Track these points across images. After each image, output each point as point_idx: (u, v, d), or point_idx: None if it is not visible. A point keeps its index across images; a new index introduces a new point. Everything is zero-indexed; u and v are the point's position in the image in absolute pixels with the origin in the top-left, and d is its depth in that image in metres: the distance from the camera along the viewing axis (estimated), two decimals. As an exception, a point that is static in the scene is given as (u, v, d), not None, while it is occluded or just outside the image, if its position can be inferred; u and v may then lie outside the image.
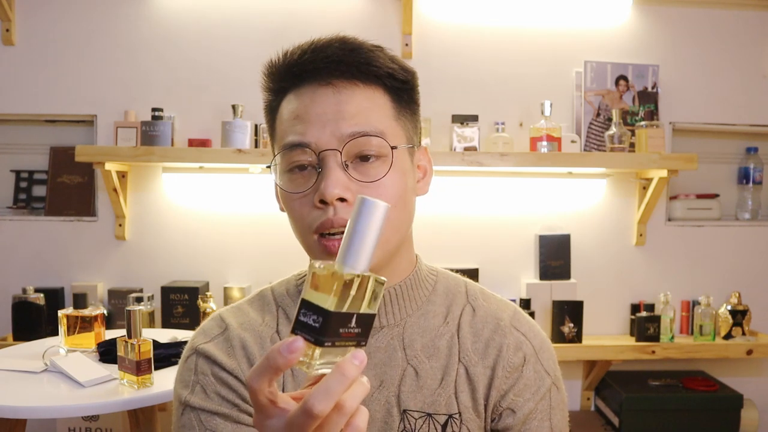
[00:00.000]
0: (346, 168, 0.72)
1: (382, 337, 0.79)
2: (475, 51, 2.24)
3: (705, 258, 2.34)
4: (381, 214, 0.49)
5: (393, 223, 0.74)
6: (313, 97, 0.73)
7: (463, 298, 0.84)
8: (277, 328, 0.81)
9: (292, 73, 0.75)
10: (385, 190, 0.72)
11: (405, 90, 0.78)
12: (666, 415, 2.09)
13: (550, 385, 0.81)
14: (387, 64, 0.75)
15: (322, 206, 0.71)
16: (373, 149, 0.72)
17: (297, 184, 0.74)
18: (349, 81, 0.73)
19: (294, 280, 0.86)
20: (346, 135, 0.71)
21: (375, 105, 0.74)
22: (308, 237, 0.74)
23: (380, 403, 0.78)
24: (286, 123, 0.75)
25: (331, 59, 0.72)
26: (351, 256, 0.49)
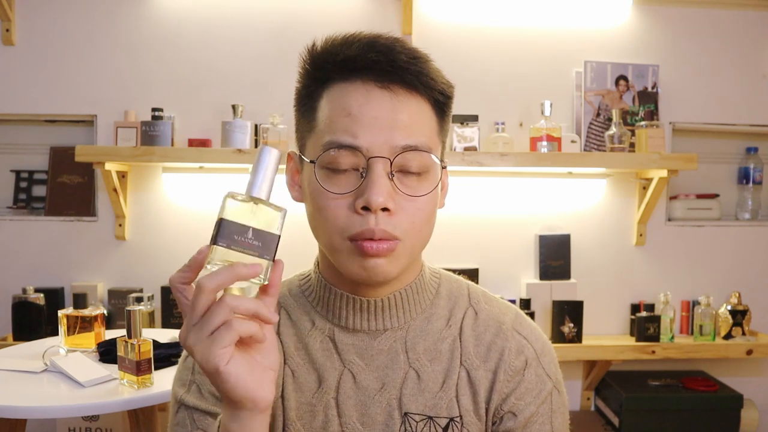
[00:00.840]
0: (392, 178, 0.70)
1: (384, 340, 0.79)
2: (475, 51, 2.24)
3: (705, 258, 2.34)
4: (276, 157, 0.64)
5: (423, 236, 0.75)
6: (368, 97, 0.70)
7: (465, 301, 0.84)
8: (279, 329, 0.81)
9: (346, 67, 0.72)
10: (424, 205, 0.72)
11: (447, 105, 0.78)
12: (666, 415, 2.09)
13: (551, 388, 0.81)
14: (440, 78, 0.74)
15: (363, 213, 0.69)
16: (421, 166, 0.72)
17: (338, 184, 0.71)
18: (406, 89, 0.71)
19: (297, 281, 0.86)
20: (399, 146, 0.70)
21: (425, 117, 0.73)
22: (336, 239, 0.72)
23: (381, 405, 0.78)
24: (333, 117, 0.71)
25: (396, 64, 0.70)
26: (255, 186, 0.63)
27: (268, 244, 0.62)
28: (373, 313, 0.78)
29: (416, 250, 0.75)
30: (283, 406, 0.78)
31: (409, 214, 0.71)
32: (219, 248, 0.60)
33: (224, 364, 0.58)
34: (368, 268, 0.71)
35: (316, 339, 0.80)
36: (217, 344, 0.57)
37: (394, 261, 0.72)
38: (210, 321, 0.58)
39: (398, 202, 0.71)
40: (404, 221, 0.71)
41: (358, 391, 0.78)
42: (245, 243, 0.61)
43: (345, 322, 0.79)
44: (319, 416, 0.78)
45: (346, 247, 0.71)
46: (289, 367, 0.79)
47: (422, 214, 0.73)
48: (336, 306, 0.79)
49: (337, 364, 0.78)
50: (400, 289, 0.79)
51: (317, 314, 0.81)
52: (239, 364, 0.59)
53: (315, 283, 0.82)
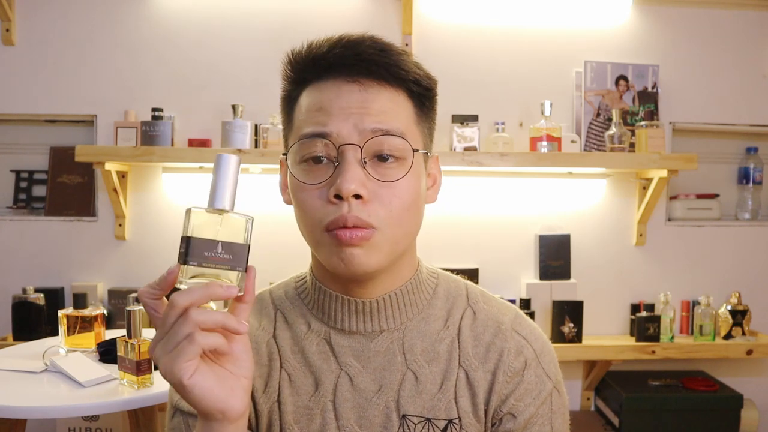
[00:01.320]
0: (365, 165, 0.71)
1: (381, 341, 0.78)
2: (475, 51, 2.24)
3: (705, 258, 2.34)
4: (236, 163, 0.63)
5: (403, 228, 0.74)
6: (338, 91, 0.72)
7: (463, 301, 0.83)
8: (275, 332, 0.81)
9: (318, 66, 0.74)
10: (400, 192, 0.72)
11: (427, 97, 0.78)
12: (666, 415, 2.09)
13: (551, 389, 0.80)
14: (413, 69, 0.75)
15: (337, 201, 0.70)
16: (393, 149, 0.72)
17: (312, 175, 0.72)
18: (376, 81, 0.72)
19: (293, 283, 0.85)
20: (369, 131, 0.70)
21: (398, 107, 0.74)
22: (317, 232, 0.72)
23: (379, 407, 0.77)
24: (306, 113, 0.74)
25: (362, 57, 0.71)
26: (217, 198, 0.62)
27: (239, 254, 0.62)
28: (368, 315, 0.78)
29: (399, 241, 0.74)
30: (280, 410, 0.78)
31: (385, 201, 0.71)
32: (189, 268, 0.60)
33: (187, 377, 0.59)
34: (345, 258, 0.71)
35: (313, 342, 0.79)
36: (180, 358, 0.58)
37: (372, 251, 0.71)
38: (175, 335, 0.59)
39: (372, 189, 0.70)
40: (379, 209, 0.71)
41: (356, 394, 0.77)
42: (216, 258, 0.61)
43: (341, 325, 0.78)
44: (316, 419, 0.77)
45: (325, 240, 0.72)
46: (286, 371, 0.79)
47: (399, 202, 0.72)
48: (331, 308, 0.79)
49: (333, 367, 0.78)
50: (395, 289, 0.79)
51: (313, 317, 0.80)
52: (205, 377, 0.60)
53: (310, 286, 0.82)
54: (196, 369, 0.59)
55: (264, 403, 0.78)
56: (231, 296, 0.61)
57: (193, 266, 0.60)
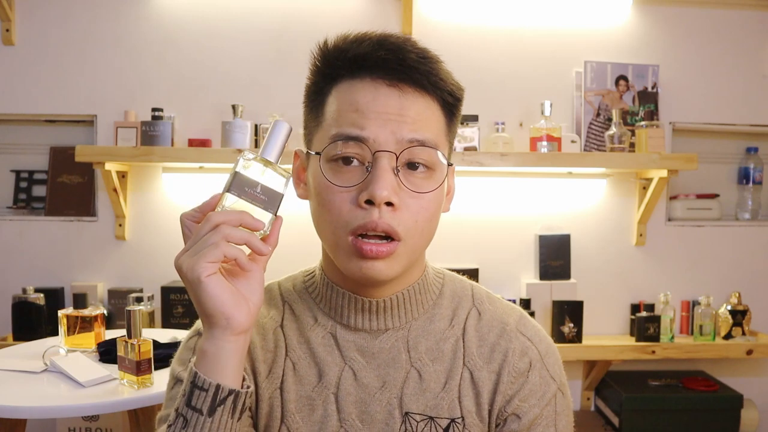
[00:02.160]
0: (397, 173, 0.70)
1: (386, 339, 0.79)
2: (475, 51, 2.24)
3: (705, 258, 2.34)
4: (287, 130, 0.71)
5: (425, 236, 0.75)
6: (375, 94, 0.71)
7: (469, 301, 0.84)
8: (282, 322, 0.82)
9: (355, 63, 0.72)
10: (428, 203, 0.73)
11: (457, 107, 0.78)
12: (666, 415, 2.09)
13: (555, 390, 0.80)
14: (449, 79, 0.75)
15: (367, 207, 0.69)
16: (426, 160, 0.72)
17: (343, 177, 0.71)
18: (414, 88, 0.72)
19: (301, 277, 0.86)
20: (406, 140, 0.70)
21: (433, 116, 0.74)
22: (341, 235, 0.71)
23: (382, 404, 0.77)
24: (339, 112, 0.72)
25: (405, 63, 0.71)
26: (267, 150, 0.70)
27: (273, 200, 0.69)
28: (375, 313, 0.78)
29: (417, 251, 0.75)
30: (282, 398, 0.78)
31: (413, 211, 0.71)
32: (230, 196, 0.68)
33: (206, 275, 0.63)
34: (365, 269, 0.71)
35: (318, 334, 0.80)
36: (203, 258, 0.63)
37: (394, 263, 0.72)
38: (204, 242, 0.64)
39: (402, 198, 0.71)
40: (408, 218, 0.71)
41: (359, 389, 0.78)
42: (254, 195, 0.68)
43: (347, 321, 0.79)
44: (318, 410, 0.78)
45: (346, 245, 0.71)
46: (291, 359, 0.79)
47: (426, 213, 0.72)
48: (338, 304, 0.79)
49: (338, 360, 0.78)
50: (402, 289, 0.79)
51: (320, 312, 0.81)
52: (219, 282, 0.64)
53: (319, 282, 0.82)
54: (214, 273, 0.64)
55: (266, 388, 0.79)
56: (258, 227, 0.66)
57: (233, 196, 0.67)
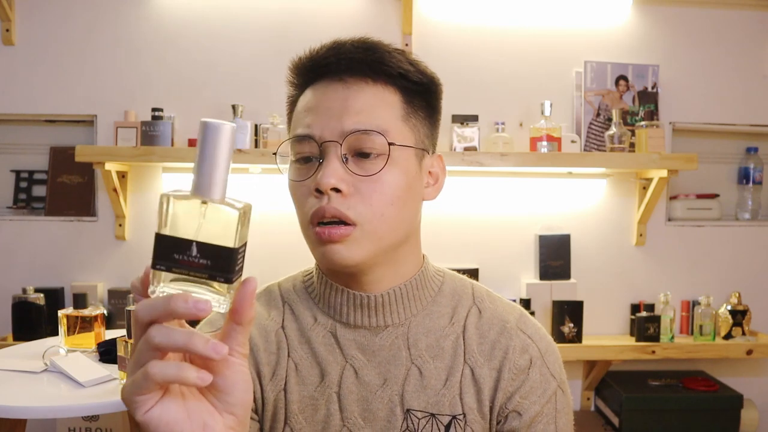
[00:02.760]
0: (346, 162, 0.73)
1: (386, 336, 0.79)
2: (475, 51, 2.24)
3: (705, 258, 2.34)
4: (228, 135, 0.47)
5: (388, 221, 0.74)
6: (325, 91, 0.76)
7: (469, 299, 0.84)
8: (283, 323, 0.82)
9: (312, 70, 0.78)
10: (383, 186, 0.73)
11: (419, 92, 0.78)
12: (666, 415, 2.09)
13: (555, 388, 0.81)
14: (401, 64, 0.76)
15: (319, 195, 0.73)
16: (373, 147, 0.73)
17: (300, 173, 0.76)
18: (359, 78, 0.75)
19: (301, 277, 0.87)
20: (348, 130, 0.73)
21: (383, 103, 0.75)
22: (306, 226, 0.76)
23: (383, 401, 0.78)
24: (297, 115, 0.78)
25: (345, 56, 0.75)
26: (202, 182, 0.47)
27: (222, 260, 0.48)
28: (373, 309, 0.79)
29: (383, 237, 0.74)
30: (286, 399, 0.79)
31: (365, 195, 0.73)
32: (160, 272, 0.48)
33: (142, 413, 0.49)
34: (326, 253, 0.73)
35: (319, 334, 0.80)
36: (134, 390, 0.48)
37: (353, 246, 0.73)
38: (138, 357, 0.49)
39: (353, 184, 0.73)
40: (359, 203, 0.72)
41: (360, 387, 0.78)
42: (190, 263, 0.48)
43: (346, 318, 0.79)
44: (321, 410, 0.78)
45: (311, 235, 0.75)
46: (293, 360, 0.80)
47: (380, 196, 0.73)
48: (336, 302, 0.80)
49: (339, 359, 0.79)
50: (399, 284, 0.80)
51: (319, 310, 0.82)
52: (167, 412, 0.49)
53: (316, 280, 0.83)
54: (158, 401, 0.49)
55: (271, 390, 0.79)
56: (200, 315, 0.47)
57: (161, 271, 0.48)
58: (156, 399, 0.49)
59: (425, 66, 0.80)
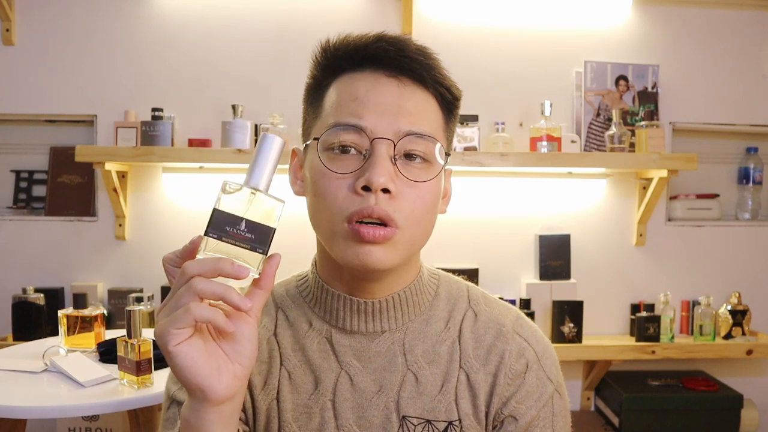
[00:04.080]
0: (395, 162, 0.71)
1: (382, 342, 0.78)
2: (475, 51, 2.24)
3: (705, 258, 2.34)
4: (279, 146, 0.63)
5: (423, 228, 0.74)
6: (375, 84, 0.72)
7: (465, 302, 0.83)
8: (275, 330, 0.81)
9: (357, 56, 0.74)
10: (425, 194, 0.72)
11: (454, 106, 0.79)
12: (666, 415, 2.09)
13: (552, 391, 0.79)
14: (447, 76, 0.76)
15: (364, 193, 0.69)
16: (423, 151, 0.72)
17: (340, 165, 0.71)
18: (413, 80, 0.73)
19: (294, 281, 0.85)
20: (404, 131, 0.71)
21: (431, 110, 0.75)
22: (336, 222, 0.71)
23: (379, 408, 0.77)
24: (339, 102, 0.73)
25: (405, 54, 0.72)
26: (253, 176, 0.62)
27: (262, 236, 0.61)
28: (371, 315, 0.78)
29: (415, 243, 0.74)
30: (279, 408, 0.77)
31: (410, 200, 0.71)
32: (210, 239, 0.59)
33: (173, 344, 0.57)
34: (362, 255, 0.70)
35: (313, 340, 0.79)
36: (173, 324, 0.57)
37: (391, 250, 0.71)
38: (176, 301, 0.58)
39: (399, 186, 0.70)
40: (404, 206, 0.71)
41: (356, 394, 0.77)
42: (237, 235, 0.60)
43: (342, 324, 0.78)
44: (315, 418, 0.77)
45: (342, 231, 0.70)
46: (286, 369, 0.78)
47: (423, 203, 0.72)
48: (333, 307, 0.79)
49: (334, 366, 0.78)
50: (398, 290, 0.78)
51: (314, 315, 0.80)
52: (193, 349, 0.58)
53: (312, 284, 0.81)
54: (187, 339, 0.58)
55: (263, 400, 0.78)
56: (240, 276, 0.59)
57: (213, 238, 0.59)
58: (187, 335, 0.58)
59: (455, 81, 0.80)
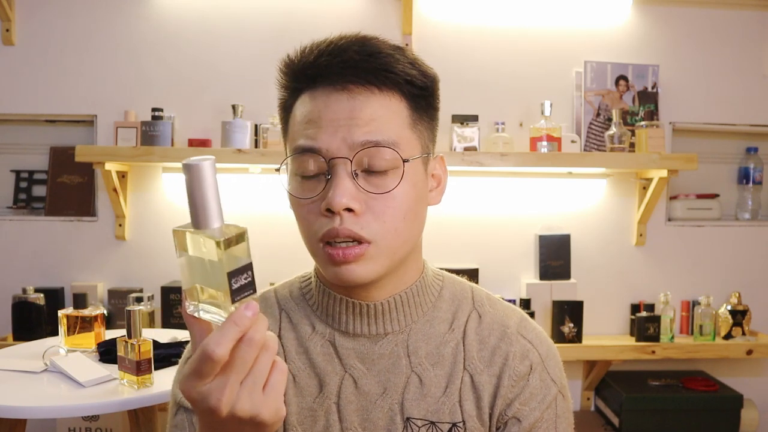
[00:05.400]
0: (356, 177, 0.70)
1: (386, 344, 0.78)
2: (475, 51, 2.24)
3: (705, 258, 2.34)
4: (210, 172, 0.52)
5: (401, 235, 0.73)
6: (326, 101, 0.71)
7: (469, 304, 0.82)
8: (279, 333, 0.81)
9: (308, 74, 0.73)
10: (394, 202, 0.71)
11: (423, 96, 0.75)
12: (666, 415, 2.09)
13: (556, 393, 0.79)
14: (406, 70, 0.72)
15: (329, 215, 0.70)
16: (385, 162, 0.70)
17: (305, 189, 0.72)
18: (364, 87, 0.71)
19: (298, 283, 0.85)
20: (358, 143, 0.69)
21: (391, 113, 0.72)
22: (314, 244, 0.73)
23: (383, 410, 0.77)
24: (298, 125, 0.73)
25: (348, 64, 0.70)
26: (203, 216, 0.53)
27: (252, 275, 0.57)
28: (373, 317, 0.77)
29: (396, 251, 0.73)
30: None
31: (378, 213, 0.70)
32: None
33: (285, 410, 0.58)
34: (340, 273, 0.71)
35: (317, 343, 0.79)
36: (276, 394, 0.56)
37: (367, 264, 0.71)
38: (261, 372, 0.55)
39: (365, 201, 0.70)
40: (372, 221, 0.70)
41: (360, 396, 0.77)
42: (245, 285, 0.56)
43: (345, 327, 0.78)
44: (320, 421, 0.77)
45: (320, 252, 0.72)
46: (290, 372, 0.78)
47: (393, 212, 0.71)
48: (335, 311, 0.78)
49: (338, 369, 0.78)
50: (400, 291, 0.78)
51: (317, 318, 0.80)
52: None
53: (315, 288, 0.81)
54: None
55: None
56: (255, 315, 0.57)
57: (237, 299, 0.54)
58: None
59: (425, 64, 0.76)
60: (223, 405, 0.53)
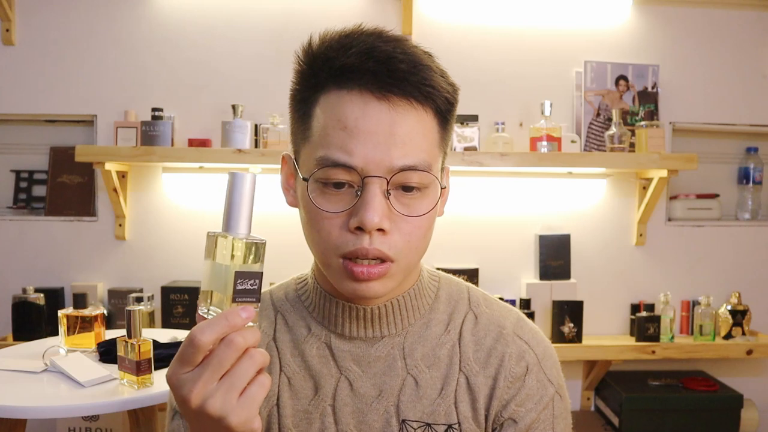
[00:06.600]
0: (388, 196, 0.68)
1: (382, 347, 0.78)
2: (475, 51, 2.24)
3: (705, 258, 2.34)
4: (251, 184, 0.60)
5: (420, 252, 0.73)
6: (365, 109, 0.66)
7: (465, 305, 0.82)
8: (275, 335, 0.80)
9: (342, 74, 0.68)
10: (421, 223, 0.70)
11: (451, 112, 0.74)
12: (666, 415, 2.09)
13: (553, 394, 0.79)
14: (442, 84, 0.71)
15: (358, 233, 0.67)
16: (418, 184, 0.69)
17: (330, 200, 0.68)
18: (405, 99, 0.67)
19: (294, 284, 0.84)
20: (397, 167, 0.67)
21: (426, 131, 0.70)
22: (331, 257, 0.70)
23: (379, 412, 0.76)
24: (326, 129, 0.68)
25: (396, 74, 0.66)
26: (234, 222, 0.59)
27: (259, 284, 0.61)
28: (371, 321, 0.77)
29: (412, 266, 0.74)
30: (279, 414, 0.77)
31: (405, 233, 0.69)
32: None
33: (258, 423, 0.58)
34: (360, 290, 0.70)
35: (313, 346, 0.78)
36: (253, 405, 0.57)
37: (387, 281, 0.71)
38: (240, 377, 0.57)
39: (394, 221, 0.68)
40: (399, 241, 0.69)
41: (355, 399, 0.77)
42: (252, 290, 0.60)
43: (341, 330, 0.78)
44: (315, 423, 0.77)
45: (337, 266, 0.69)
46: (285, 374, 0.78)
47: (419, 232, 0.71)
48: (332, 313, 0.78)
49: (333, 371, 0.77)
50: (398, 295, 0.78)
51: (314, 321, 0.80)
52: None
53: (311, 290, 0.81)
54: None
55: (263, 407, 0.77)
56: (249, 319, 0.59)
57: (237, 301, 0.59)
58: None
59: (451, 77, 0.74)
60: (194, 396, 0.55)
